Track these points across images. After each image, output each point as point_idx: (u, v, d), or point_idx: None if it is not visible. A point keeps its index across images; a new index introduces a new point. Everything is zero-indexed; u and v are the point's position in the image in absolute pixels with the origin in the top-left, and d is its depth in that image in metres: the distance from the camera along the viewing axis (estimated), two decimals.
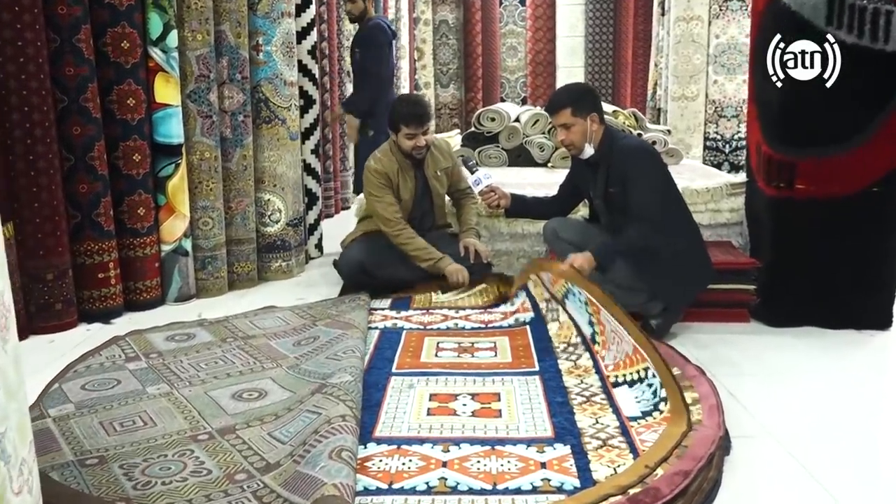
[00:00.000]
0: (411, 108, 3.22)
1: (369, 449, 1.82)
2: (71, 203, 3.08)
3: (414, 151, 3.23)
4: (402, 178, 3.28)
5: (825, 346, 2.84)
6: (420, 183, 3.34)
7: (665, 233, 2.75)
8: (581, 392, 2.16)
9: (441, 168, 3.38)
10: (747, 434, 2.07)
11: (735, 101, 6.18)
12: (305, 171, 4.32)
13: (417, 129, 3.19)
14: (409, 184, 3.30)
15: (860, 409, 2.28)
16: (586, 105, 2.91)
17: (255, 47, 3.76)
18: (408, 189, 3.30)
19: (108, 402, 2.10)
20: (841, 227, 2.94)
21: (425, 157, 3.31)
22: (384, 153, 3.36)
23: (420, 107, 3.25)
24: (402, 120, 3.21)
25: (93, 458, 1.76)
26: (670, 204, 2.90)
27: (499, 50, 9.76)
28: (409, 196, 3.30)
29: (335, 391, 1.96)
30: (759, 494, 1.78)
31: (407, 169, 3.30)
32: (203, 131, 3.50)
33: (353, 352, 2.34)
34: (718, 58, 6.18)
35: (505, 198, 3.29)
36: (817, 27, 2.80)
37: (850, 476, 1.86)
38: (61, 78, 2.99)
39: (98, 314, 3.18)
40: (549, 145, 4.66)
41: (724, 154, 6.24)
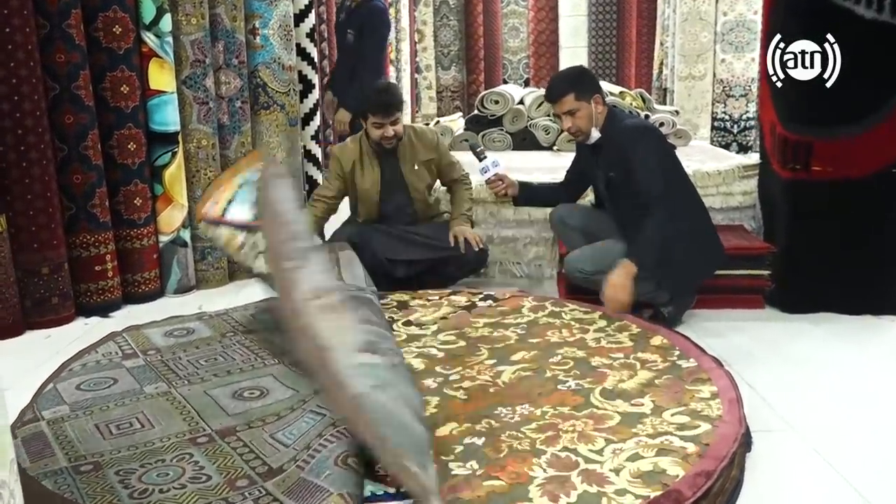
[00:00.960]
0: (379, 97, 3.08)
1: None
2: (65, 194, 3.00)
3: (383, 141, 3.11)
4: (361, 168, 3.15)
5: (843, 332, 2.76)
6: (389, 175, 3.20)
7: (674, 212, 2.63)
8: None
9: (421, 160, 3.21)
10: (768, 428, 2.00)
11: (743, 80, 6.05)
12: (306, 158, 4.23)
13: (384, 118, 3.05)
14: (372, 175, 3.17)
15: (883, 401, 2.20)
16: (588, 87, 2.79)
17: (251, 31, 3.65)
18: (369, 179, 3.17)
19: (104, 403, 2.03)
20: (858, 210, 2.86)
21: (399, 150, 3.18)
22: (353, 139, 3.26)
23: (388, 95, 3.11)
24: (369, 108, 3.08)
25: (87, 464, 1.69)
26: (674, 183, 2.78)
27: (500, 30, 9.60)
28: (372, 186, 3.18)
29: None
30: (782, 493, 1.71)
31: (371, 158, 3.17)
32: (200, 118, 3.40)
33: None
34: (726, 35, 6.03)
35: (512, 186, 3.17)
36: (837, 4, 2.70)
37: (877, 473, 1.78)
38: (52, 65, 2.90)
39: (96, 308, 3.10)
40: (555, 128, 4.55)
41: (733, 134, 6.13)
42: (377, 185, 3.19)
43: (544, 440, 1.78)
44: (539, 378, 2.17)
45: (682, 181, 2.82)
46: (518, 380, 2.16)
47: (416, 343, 2.50)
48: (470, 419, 1.91)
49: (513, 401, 2.02)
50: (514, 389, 2.10)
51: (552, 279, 3.49)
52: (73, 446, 1.77)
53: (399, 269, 3.17)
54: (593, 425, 1.86)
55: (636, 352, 2.34)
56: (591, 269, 2.78)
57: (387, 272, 3.14)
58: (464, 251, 3.12)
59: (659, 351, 2.33)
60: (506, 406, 1.99)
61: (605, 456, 1.70)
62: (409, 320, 2.72)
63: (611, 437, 1.79)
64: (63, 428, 1.87)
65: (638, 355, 2.30)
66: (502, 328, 2.60)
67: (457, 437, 1.82)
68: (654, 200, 2.59)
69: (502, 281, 3.53)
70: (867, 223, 2.86)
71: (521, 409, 1.97)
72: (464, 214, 3.24)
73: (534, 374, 2.20)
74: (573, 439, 1.79)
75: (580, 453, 1.72)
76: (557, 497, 1.54)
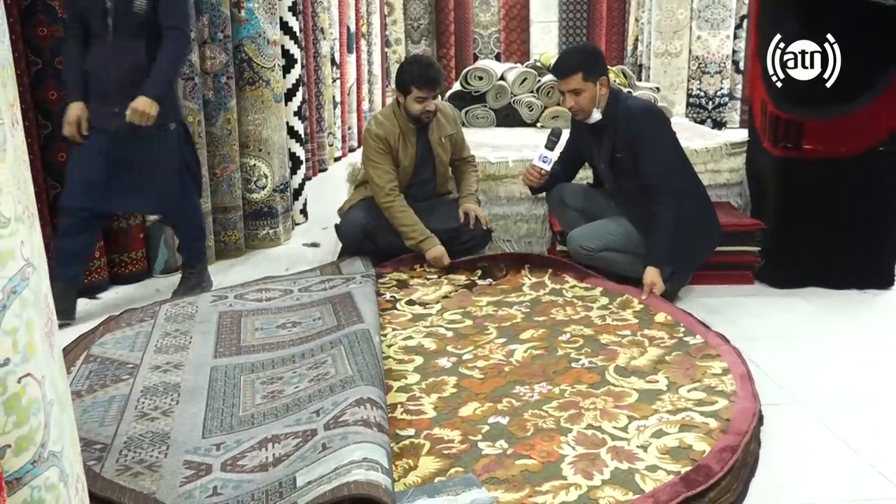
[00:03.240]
0: (425, 71, 3.04)
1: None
2: (49, 173, 2.90)
3: (423, 116, 3.08)
4: (402, 143, 3.14)
5: (832, 306, 2.85)
6: (422, 149, 3.21)
7: (682, 198, 2.69)
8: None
9: (446, 134, 3.23)
10: (775, 402, 2.05)
11: (718, 58, 6.12)
12: (288, 134, 4.16)
13: (429, 92, 3.04)
14: (411, 149, 3.17)
15: (879, 371, 2.29)
16: (597, 68, 2.78)
17: (236, 4, 3.56)
18: (408, 155, 3.17)
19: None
20: (846, 187, 2.94)
21: (430, 123, 3.17)
22: (386, 116, 3.20)
23: (434, 70, 3.09)
24: (413, 82, 3.04)
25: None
26: (679, 165, 2.84)
27: (471, 4, 9.51)
28: (410, 162, 3.17)
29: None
30: (796, 466, 1.76)
31: (409, 134, 3.15)
32: (186, 94, 3.31)
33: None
34: (702, 13, 6.09)
35: (541, 180, 3.04)
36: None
37: (885, 443, 1.85)
38: (34, 39, 2.79)
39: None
40: (538, 104, 4.56)
41: (707, 111, 6.21)
42: (414, 159, 3.19)
43: (568, 418, 1.81)
44: (552, 356, 2.19)
45: (684, 162, 2.87)
46: (531, 358, 2.18)
47: (423, 322, 2.50)
48: (490, 399, 1.93)
49: (530, 379, 2.04)
50: (529, 368, 2.12)
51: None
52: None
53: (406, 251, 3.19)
54: (613, 403, 1.89)
55: (642, 328, 2.38)
56: (595, 247, 2.81)
57: (397, 254, 3.19)
58: (472, 227, 3.15)
59: (664, 328, 2.37)
60: (523, 385, 2.01)
61: (631, 433, 1.74)
62: (411, 300, 2.72)
63: (633, 415, 1.82)
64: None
65: (645, 332, 2.35)
66: (506, 307, 2.62)
67: (481, 417, 1.83)
68: (664, 193, 2.65)
69: None
70: (856, 200, 2.93)
71: (538, 387, 1.99)
72: (472, 194, 3.29)
73: (545, 352, 2.22)
74: (596, 417, 1.82)
75: (606, 430, 1.75)
76: (591, 475, 1.56)
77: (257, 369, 2.10)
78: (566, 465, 1.61)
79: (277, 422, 1.76)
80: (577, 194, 3.07)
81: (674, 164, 2.75)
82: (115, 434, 1.73)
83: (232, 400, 1.91)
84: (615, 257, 2.83)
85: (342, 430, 1.59)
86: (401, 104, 3.11)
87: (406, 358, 2.22)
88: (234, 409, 1.86)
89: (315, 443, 1.58)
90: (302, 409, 1.79)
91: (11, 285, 0.79)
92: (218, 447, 1.67)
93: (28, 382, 0.80)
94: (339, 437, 1.56)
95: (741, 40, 6.47)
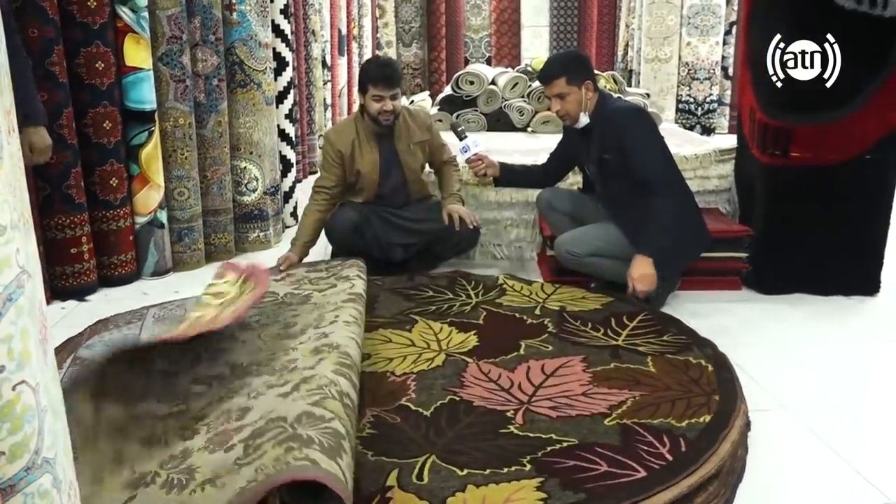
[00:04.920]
0: (380, 69, 3.04)
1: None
2: (39, 175, 2.89)
3: (381, 116, 3.06)
4: (359, 150, 3.12)
5: (819, 313, 2.88)
6: (387, 156, 3.17)
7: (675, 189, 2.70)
8: None
9: (415, 141, 3.20)
10: (762, 408, 2.07)
11: (708, 64, 6.17)
12: (279, 137, 4.16)
13: (385, 90, 3.00)
14: (369, 156, 3.13)
15: (866, 378, 2.32)
16: (580, 72, 2.81)
17: (227, 6, 3.56)
18: (367, 161, 3.13)
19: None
20: (833, 195, 2.96)
21: (395, 130, 3.16)
22: (346, 123, 3.21)
23: (390, 68, 3.08)
24: (370, 80, 3.03)
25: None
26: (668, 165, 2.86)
27: (462, 8, 9.53)
28: (372, 168, 3.14)
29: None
30: (783, 472, 1.78)
31: (369, 140, 3.13)
32: (176, 96, 3.31)
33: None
34: (692, 19, 6.14)
35: (493, 167, 3.21)
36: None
37: (871, 449, 1.87)
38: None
39: (72, 291, 3.02)
40: (529, 109, 4.57)
41: (697, 117, 6.26)
42: (376, 165, 3.15)
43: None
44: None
45: (671, 164, 2.88)
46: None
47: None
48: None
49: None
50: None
51: (533, 260, 3.53)
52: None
53: (396, 253, 3.18)
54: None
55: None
56: (582, 252, 2.82)
57: (385, 256, 3.17)
58: (458, 228, 3.14)
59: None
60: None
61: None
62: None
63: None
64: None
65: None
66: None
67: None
68: (657, 185, 2.65)
69: (483, 262, 3.54)
70: (841, 207, 2.96)
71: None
72: (454, 195, 3.26)
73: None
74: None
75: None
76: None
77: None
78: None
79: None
80: (565, 198, 3.09)
81: (661, 161, 2.76)
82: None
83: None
84: (602, 263, 2.84)
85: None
86: (364, 109, 3.12)
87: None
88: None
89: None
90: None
91: (7, 293, 0.79)
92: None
93: (23, 390, 0.80)
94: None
95: (730, 46, 6.54)
